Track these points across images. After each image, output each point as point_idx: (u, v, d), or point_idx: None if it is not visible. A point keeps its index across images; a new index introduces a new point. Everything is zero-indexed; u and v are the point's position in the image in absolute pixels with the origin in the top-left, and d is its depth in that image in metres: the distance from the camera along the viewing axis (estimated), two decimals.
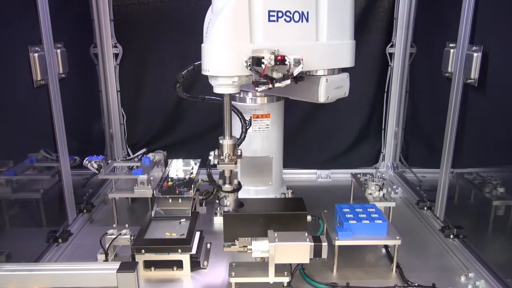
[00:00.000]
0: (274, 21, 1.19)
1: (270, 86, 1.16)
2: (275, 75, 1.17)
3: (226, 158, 1.33)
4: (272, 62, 1.14)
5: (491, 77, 1.38)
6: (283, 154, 1.77)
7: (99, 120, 2.12)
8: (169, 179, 1.58)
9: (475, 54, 1.40)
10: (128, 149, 2.18)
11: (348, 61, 1.39)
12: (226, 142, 1.33)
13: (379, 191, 1.60)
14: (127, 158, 1.85)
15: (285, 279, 1.21)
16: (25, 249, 1.40)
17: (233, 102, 1.62)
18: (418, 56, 1.97)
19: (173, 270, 1.31)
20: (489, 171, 1.47)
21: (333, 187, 2.07)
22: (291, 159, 2.02)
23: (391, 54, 2.06)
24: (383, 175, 1.99)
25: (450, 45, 1.57)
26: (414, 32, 1.97)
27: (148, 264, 1.30)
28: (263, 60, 1.13)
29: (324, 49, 1.31)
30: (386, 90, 2.12)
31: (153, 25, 2.00)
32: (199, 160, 1.77)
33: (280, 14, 1.19)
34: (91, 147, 2.06)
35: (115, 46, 2.03)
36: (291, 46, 1.21)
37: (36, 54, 1.38)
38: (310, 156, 2.18)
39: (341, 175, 2.13)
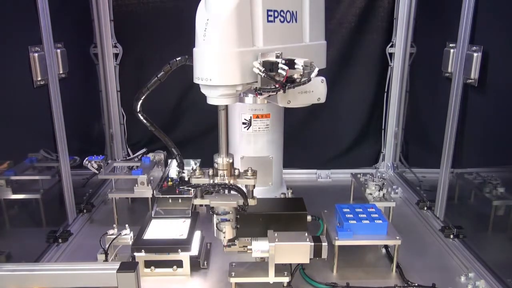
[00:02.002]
0: (272, 21, 1.10)
1: (280, 92, 1.03)
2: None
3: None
4: (285, 67, 1.00)
5: (491, 77, 1.38)
6: (283, 154, 1.77)
7: (99, 120, 2.12)
8: (169, 179, 1.58)
9: (475, 54, 1.40)
10: (128, 149, 2.18)
11: (322, 63, 1.27)
12: (221, 161, 1.18)
13: (379, 191, 1.60)
14: (127, 158, 1.85)
15: (285, 279, 1.21)
16: (25, 249, 1.40)
17: None
18: (418, 56, 1.97)
19: (173, 270, 1.31)
20: (489, 171, 1.47)
21: (333, 187, 2.07)
22: (291, 159, 2.02)
23: (391, 54, 2.06)
24: (383, 175, 1.98)
25: (450, 45, 1.57)
26: (414, 32, 1.97)
27: (148, 264, 1.30)
28: (281, 65, 0.99)
29: (307, 50, 1.21)
30: (386, 90, 2.12)
31: (153, 25, 2.00)
32: (199, 160, 1.77)
33: (276, 14, 1.11)
34: (91, 147, 2.06)
35: (115, 46, 2.03)
36: (282, 48, 1.10)
37: (36, 54, 1.38)
38: (310, 156, 2.18)
39: (341, 175, 2.13)
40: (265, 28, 1.08)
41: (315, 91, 1.19)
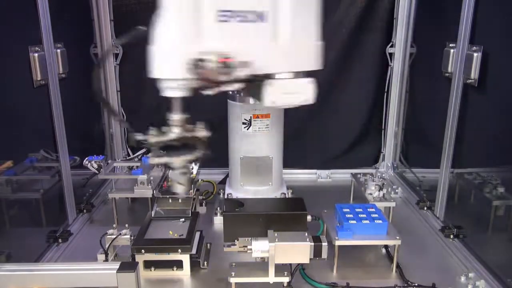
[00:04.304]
0: (225, 21, 1.08)
1: (216, 90, 1.09)
2: (223, 78, 1.06)
3: None
4: (213, 65, 1.04)
5: (491, 77, 1.38)
6: (283, 154, 1.78)
7: (99, 120, 2.12)
8: (169, 179, 1.58)
9: (475, 54, 1.40)
10: (128, 149, 2.18)
11: (312, 64, 1.23)
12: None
13: (379, 191, 1.60)
14: (127, 158, 1.85)
15: (285, 279, 1.21)
16: (25, 249, 1.40)
17: (233, 102, 1.63)
18: (418, 56, 1.97)
19: (173, 270, 1.31)
20: (489, 171, 1.47)
21: (333, 187, 2.07)
22: (291, 159, 2.02)
23: (391, 54, 2.06)
24: (383, 175, 1.98)
25: (450, 45, 1.57)
26: (414, 32, 1.97)
27: (148, 264, 1.30)
28: (201, 64, 1.04)
29: (283, 50, 1.17)
30: (386, 90, 2.12)
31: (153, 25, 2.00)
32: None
33: (231, 14, 1.09)
34: (91, 147, 2.06)
35: (115, 46, 2.03)
36: (246, 47, 1.10)
37: (36, 54, 1.38)
38: (310, 156, 2.18)
39: (341, 175, 2.13)
40: (216, 27, 1.08)
41: (301, 92, 1.19)
